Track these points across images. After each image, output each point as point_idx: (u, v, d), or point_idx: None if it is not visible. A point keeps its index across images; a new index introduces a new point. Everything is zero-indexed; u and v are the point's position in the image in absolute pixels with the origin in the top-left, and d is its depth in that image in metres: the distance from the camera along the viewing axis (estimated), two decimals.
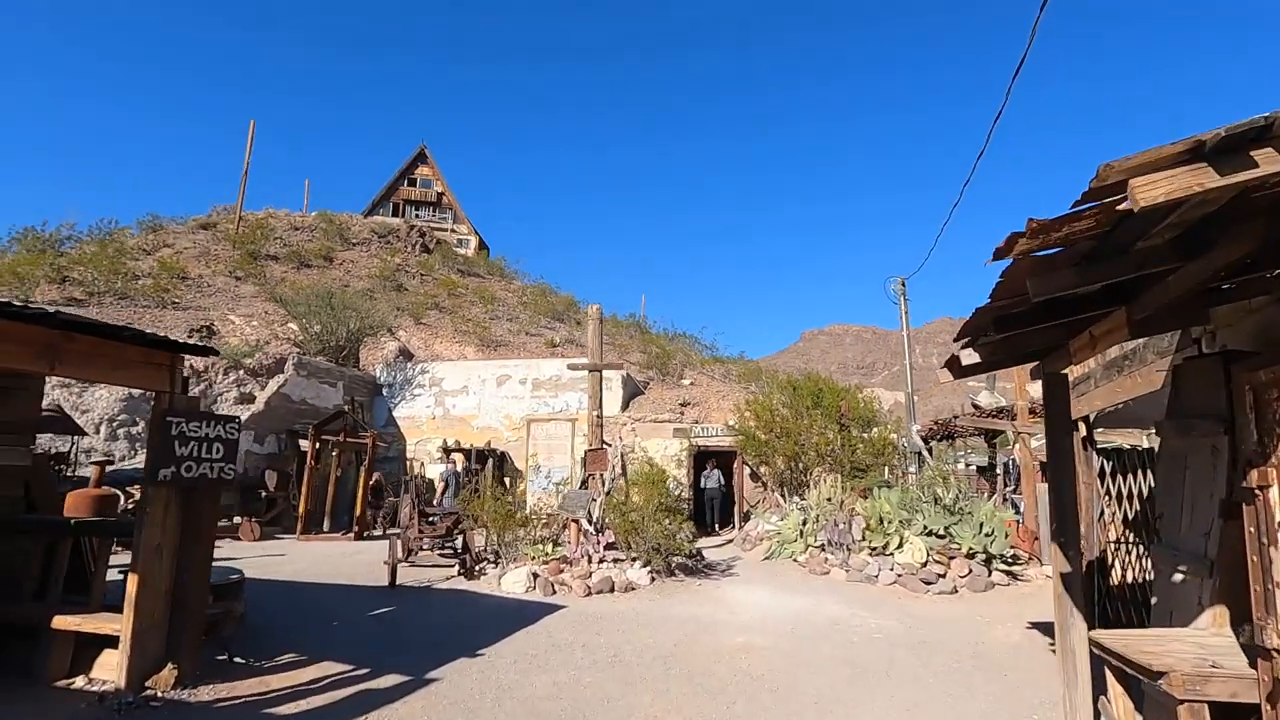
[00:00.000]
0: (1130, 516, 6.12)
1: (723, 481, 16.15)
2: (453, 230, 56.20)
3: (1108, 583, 6.23)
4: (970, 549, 9.27)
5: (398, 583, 8.99)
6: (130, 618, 4.55)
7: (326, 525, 15.89)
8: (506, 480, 17.18)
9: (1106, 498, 6.38)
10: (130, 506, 12.80)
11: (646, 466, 11.01)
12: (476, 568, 9.31)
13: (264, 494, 15.69)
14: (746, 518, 15.52)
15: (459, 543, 9.62)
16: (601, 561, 9.10)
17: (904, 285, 15.08)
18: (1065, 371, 4.25)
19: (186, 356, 5.48)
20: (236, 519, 14.30)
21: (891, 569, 9.23)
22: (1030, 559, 10.20)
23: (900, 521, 9.81)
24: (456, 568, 9.48)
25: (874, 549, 9.79)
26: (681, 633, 6.64)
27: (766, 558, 11.21)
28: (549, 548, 9.44)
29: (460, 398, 19.71)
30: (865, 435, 14.72)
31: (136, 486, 13.56)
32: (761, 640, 6.38)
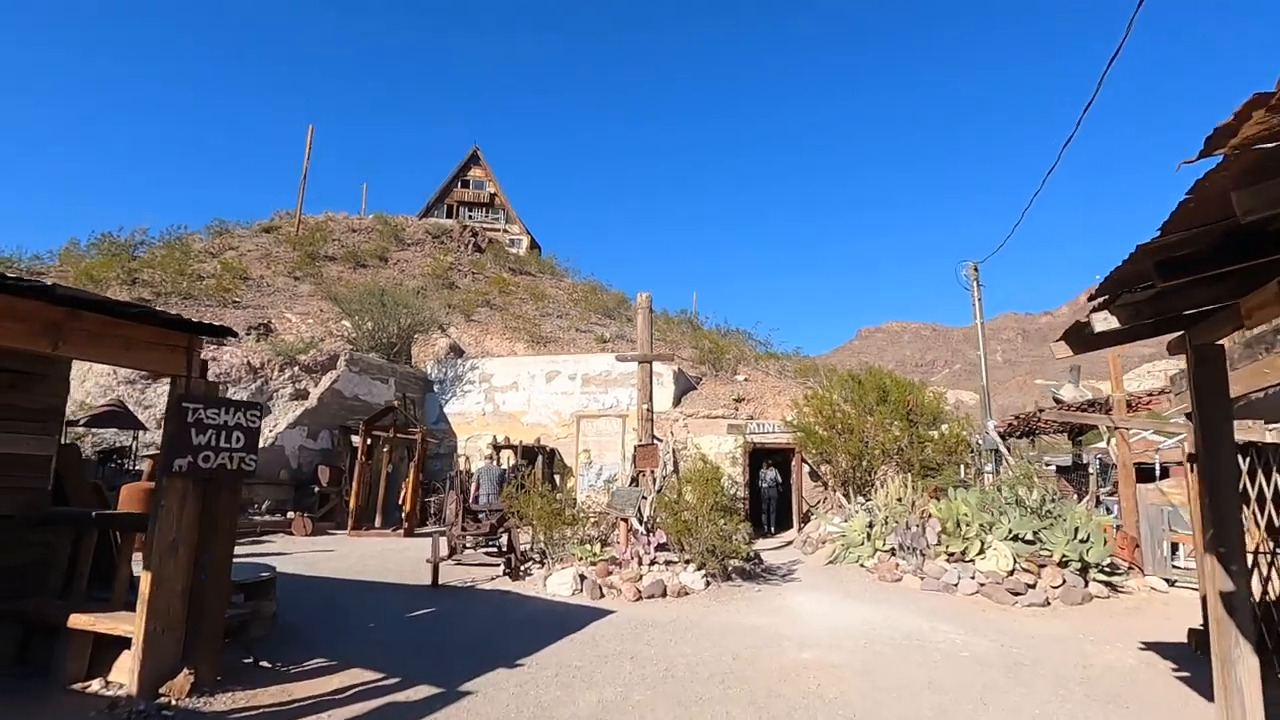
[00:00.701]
0: (1278, 523, 5.17)
1: (780, 480, 15.37)
2: (505, 231, 56.69)
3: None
4: (1063, 557, 8.30)
5: (440, 582, 8.63)
6: (143, 619, 4.22)
7: (378, 521, 15.84)
8: (556, 477, 16.82)
9: (1245, 500, 5.42)
10: None
11: (700, 463, 10.38)
12: (522, 568, 8.88)
13: (316, 489, 15.76)
14: (806, 519, 14.71)
15: (504, 541, 9.20)
16: (653, 564, 8.53)
17: (977, 271, 13.99)
18: (1222, 343, 3.44)
19: (224, 344, 5.14)
20: (290, 514, 14.35)
21: (973, 577, 8.34)
22: (1130, 569, 9.13)
23: (981, 525, 8.89)
24: (501, 567, 9.06)
25: (951, 555, 8.91)
26: (741, 645, 6.00)
27: (830, 562, 10.43)
28: (597, 548, 8.92)
29: (510, 394, 19.47)
30: (934, 432, 13.71)
31: None
32: (833, 657, 5.68)
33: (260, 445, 13.49)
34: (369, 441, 16.70)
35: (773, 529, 15.15)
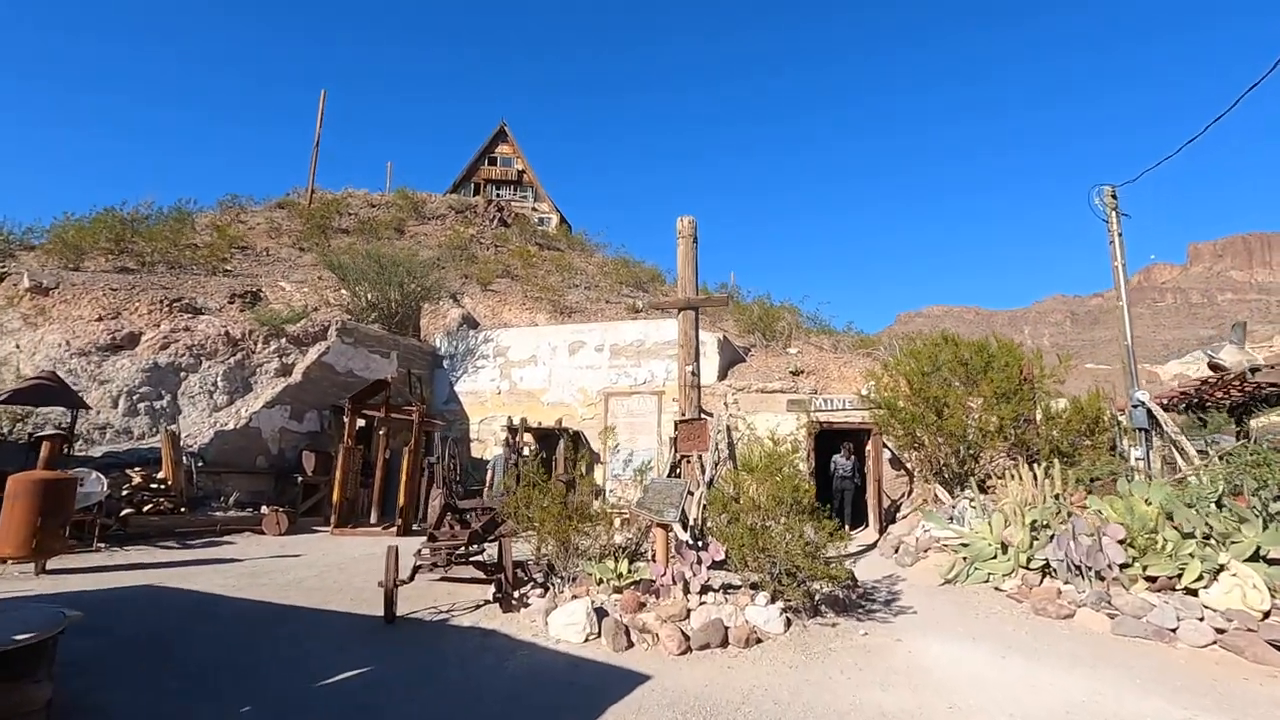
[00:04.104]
0: None
1: (856, 468, 12.49)
2: (534, 209, 54.29)
3: None
4: None
5: (402, 613, 6.06)
6: None
7: (373, 516, 13.45)
8: (581, 465, 14.21)
9: None
10: (125, 493, 10.68)
11: (769, 443, 7.60)
12: (516, 594, 6.24)
13: (300, 479, 13.43)
14: (890, 517, 11.80)
15: (497, 553, 6.56)
16: (705, 591, 5.80)
17: (1115, 197, 10.80)
18: None
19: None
20: (263, 509, 12.01)
21: (1201, 618, 5.41)
22: None
23: (1201, 537, 5.93)
24: (493, 590, 6.43)
25: (1152, 580, 5.97)
26: None
27: (947, 581, 7.55)
28: (623, 566, 6.22)
29: (528, 369, 16.90)
30: (1057, 403, 10.65)
31: (140, 469, 11.52)
32: None
33: (230, 427, 11.08)
34: (359, 423, 14.37)
35: (847, 528, 12.27)
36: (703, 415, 7.86)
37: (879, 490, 11.95)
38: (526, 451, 15.54)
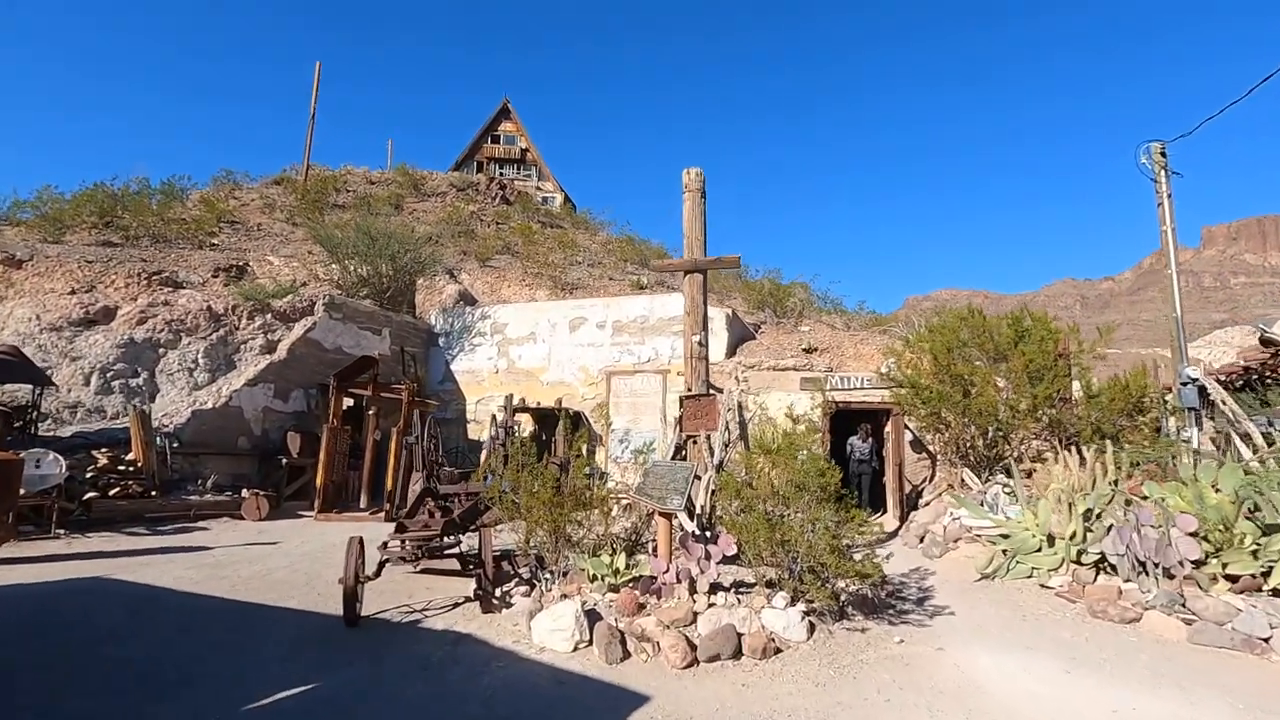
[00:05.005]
0: None
1: (875, 450, 11.68)
2: (538, 188, 53.26)
3: None
4: None
5: (368, 612, 5.32)
6: None
7: (363, 500, 12.76)
8: (580, 447, 13.44)
9: None
10: (90, 475, 9.97)
11: (787, 422, 6.79)
12: (498, 591, 5.48)
13: (285, 461, 12.73)
14: (911, 503, 11.00)
15: (478, 546, 5.78)
16: (714, 590, 5.01)
17: (1165, 155, 9.84)
18: None
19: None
20: (243, 493, 11.30)
21: None
22: None
23: None
24: (474, 586, 5.67)
25: (1233, 579, 5.15)
26: None
27: (985, 576, 6.75)
28: (620, 560, 5.44)
29: (527, 346, 16.10)
30: (1098, 384, 9.79)
31: (106, 450, 10.80)
32: None
33: (209, 406, 10.34)
34: (349, 403, 13.65)
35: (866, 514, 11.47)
36: (713, 390, 7.07)
37: (900, 474, 11.13)
38: (527, 433, 14.82)
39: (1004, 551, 6.81)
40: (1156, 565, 5.47)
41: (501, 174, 51.12)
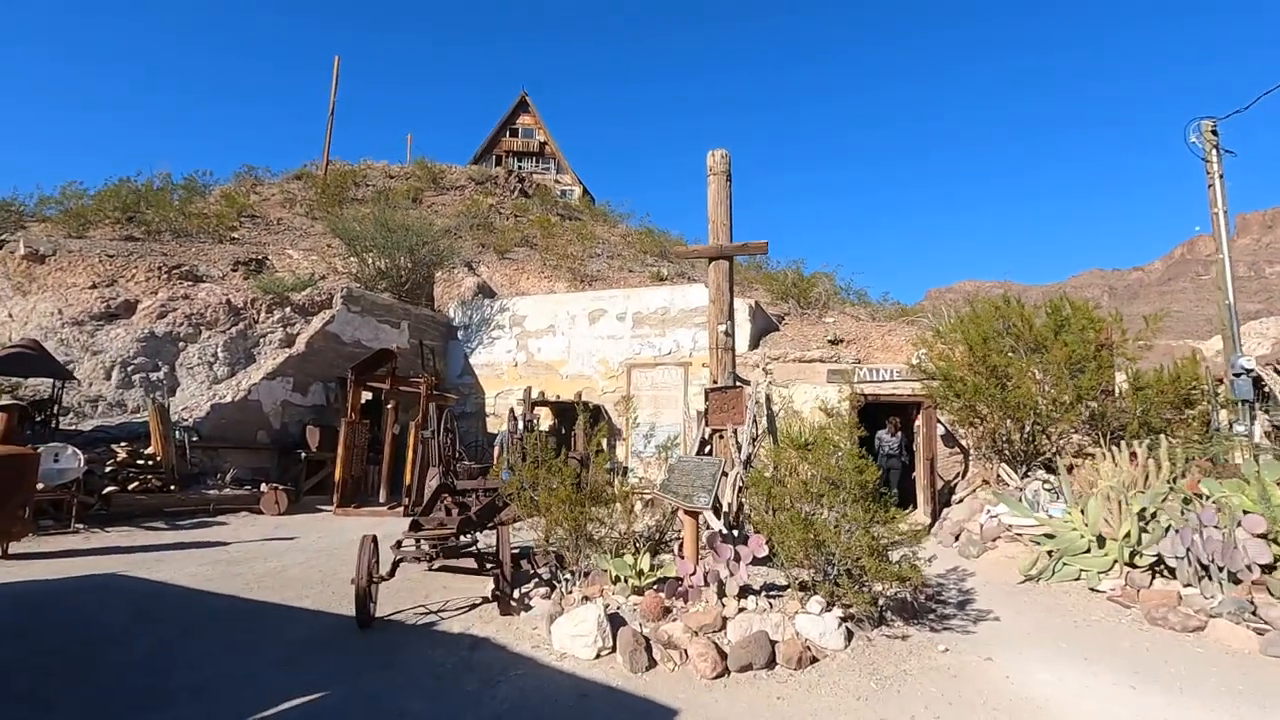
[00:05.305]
0: None
1: (904, 445, 11.29)
2: (556, 181, 53.10)
3: None
4: None
5: (382, 614, 5.12)
6: None
7: (382, 495, 12.67)
8: (600, 441, 13.20)
9: None
10: (109, 470, 9.92)
11: (815, 415, 6.47)
12: (516, 593, 5.24)
13: (304, 455, 12.65)
14: (944, 499, 10.61)
15: (495, 544, 5.54)
16: (744, 593, 4.73)
17: (1216, 133, 9.31)
18: None
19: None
20: (262, 487, 11.22)
21: None
22: None
23: None
24: (491, 586, 5.43)
25: None
26: None
27: (1028, 579, 6.38)
28: (644, 561, 5.17)
29: (546, 339, 15.88)
30: (1146, 376, 9.30)
31: (125, 444, 10.76)
32: None
33: (228, 400, 10.28)
34: (368, 396, 13.54)
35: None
36: (739, 383, 6.76)
37: (931, 470, 10.73)
38: (546, 426, 14.60)
39: (1049, 552, 6.43)
40: (1221, 569, 5.07)
41: (520, 167, 51.00)
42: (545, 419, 14.95)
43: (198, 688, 3.75)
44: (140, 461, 9.98)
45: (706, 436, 6.71)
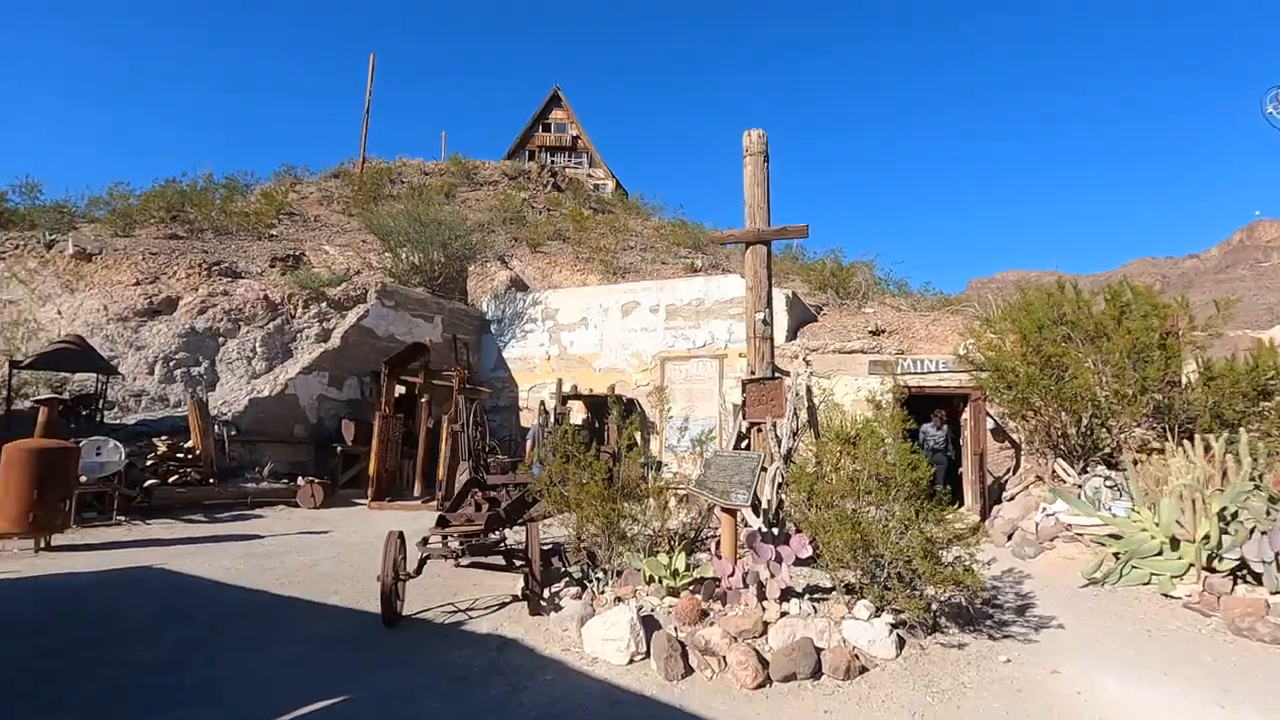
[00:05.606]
0: None
1: (950, 438, 10.82)
2: (589, 175, 53.03)
3: None
4: None
5: (409, 611, 4.97)
6: None
7: (417, 489, 12.66)
8: (633, 434, 12.99)
9: None
10: (150, 463, 10.06)
11: (857, 407, 6.14)
12: (546, 592, 5.04)
13: (340, 449, 12.72)
14: (994, 496, 10.12)
15: (525, 541, 5.35)
16: (786, 597, 4.44)
17: None
18: None
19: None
20: (299, 480, 11.31)
21: None
22: None
23: None
24: (521, 584, 5.26)
25: None
26: None
27: (1091, 582, 5.95)
28: (679, 561, 4.92)
29: (579, 332, 15.72)
30: (1218, 365, 8.68)
31: (166, 438, 10.92)
32: None
33: (265, 394, 10.36)
34: (402, 390, 13.54)
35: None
36: (778, 374, 6.45)
37: (980, 465, 10.24)
38: (579, 420, 14.45)
39: (1115, 554, 5.99)
40: None
41: (553, 162, 51.03)
42: (578, 413, 14.80)
43: (214, 688, 3.63)
44: (180, 455, 10.11)
45: (744, 430, 6.43)
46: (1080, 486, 8.16)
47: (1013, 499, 9.52)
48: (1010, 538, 8.00)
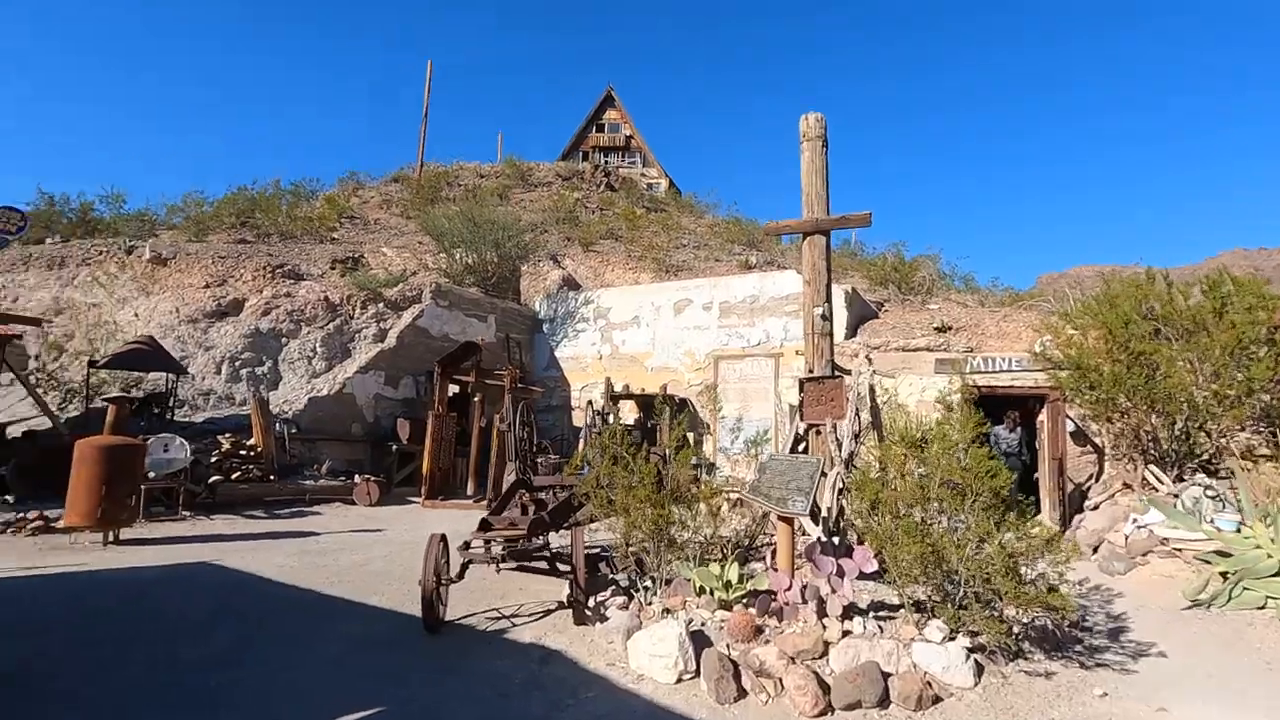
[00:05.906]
0: None
1: (1024, 442, 10.13)
2: (643, 174, 52.94)
3: None
4: None
5: (451, 617, 4.84)
6: None
7: (470, 488, 12.70)
8: (683, 433, 12.69)
9: None
10: (214, 460, 10.36)
11: (924, 408, 5.69)
12: (591, 601, 4.82)
13: (395, 448, 12.88)
14: (1075, 504, 9.40)
15: (570, 546, 5.16)
16: (848, 615, 4.09)
17: None
18: None
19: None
20: (355, 478, 11.48)
21: None
22: None
23: None
24: (566, 591, 5.06)
25: None
26: None
27: (1195, 603, 5.35)
28: (732, 572, 4.62)
29: (630, 331, 15.52)
30: None
31: (230, 435, 11.24)
32: None
33: (324, 393, 10.56)
34: (455, 389, 13.62)
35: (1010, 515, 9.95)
36: (839, 372, 6.07)
37: (1060, 471, 9.53)
38: (631, 420, 14.25)
39: (1223, 574, 5.37)
40: None
41: (606, 162, 51.13)
42: (630, 412, 14.61)
43: (249, 694, 3.54)
44: (243, 452, 10.38)
45: (801, 432, 6.08)
46: (1176, 496, 7.45)
47: (1097, 508, 8.80)
48: (1096, 550, 7.37)
